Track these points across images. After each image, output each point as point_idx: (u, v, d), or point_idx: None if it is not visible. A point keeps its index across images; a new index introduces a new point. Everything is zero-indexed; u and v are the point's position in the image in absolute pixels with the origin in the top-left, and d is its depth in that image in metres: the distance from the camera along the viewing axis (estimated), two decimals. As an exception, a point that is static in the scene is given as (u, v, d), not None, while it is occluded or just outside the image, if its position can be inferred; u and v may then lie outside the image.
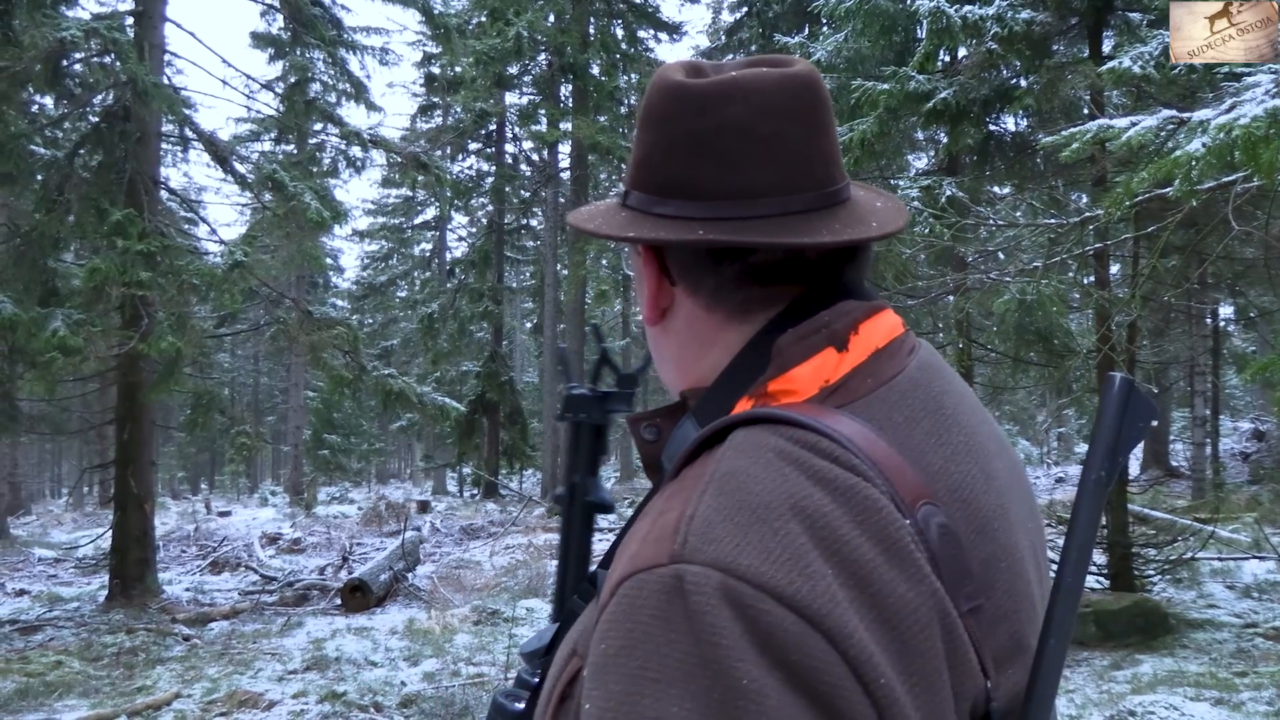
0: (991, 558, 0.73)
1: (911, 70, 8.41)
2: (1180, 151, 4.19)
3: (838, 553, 0.63)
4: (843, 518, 0.64)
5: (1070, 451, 33.48)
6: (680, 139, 0.84)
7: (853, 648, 0.60)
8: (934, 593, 0.65)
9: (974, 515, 0.74)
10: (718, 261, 0.83)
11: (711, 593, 0.60)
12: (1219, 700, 5.72)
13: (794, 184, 0.82)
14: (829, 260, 0.84)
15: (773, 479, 0.66)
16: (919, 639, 0.63)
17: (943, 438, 0.77)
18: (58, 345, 8.52)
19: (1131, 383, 0.71)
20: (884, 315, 0.83)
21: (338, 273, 44.48)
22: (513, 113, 25.20)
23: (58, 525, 22.77)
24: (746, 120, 0.81)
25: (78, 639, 8.76)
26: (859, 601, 0.62)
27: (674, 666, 0.59)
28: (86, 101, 10.82)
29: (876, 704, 0.59)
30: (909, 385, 0.79)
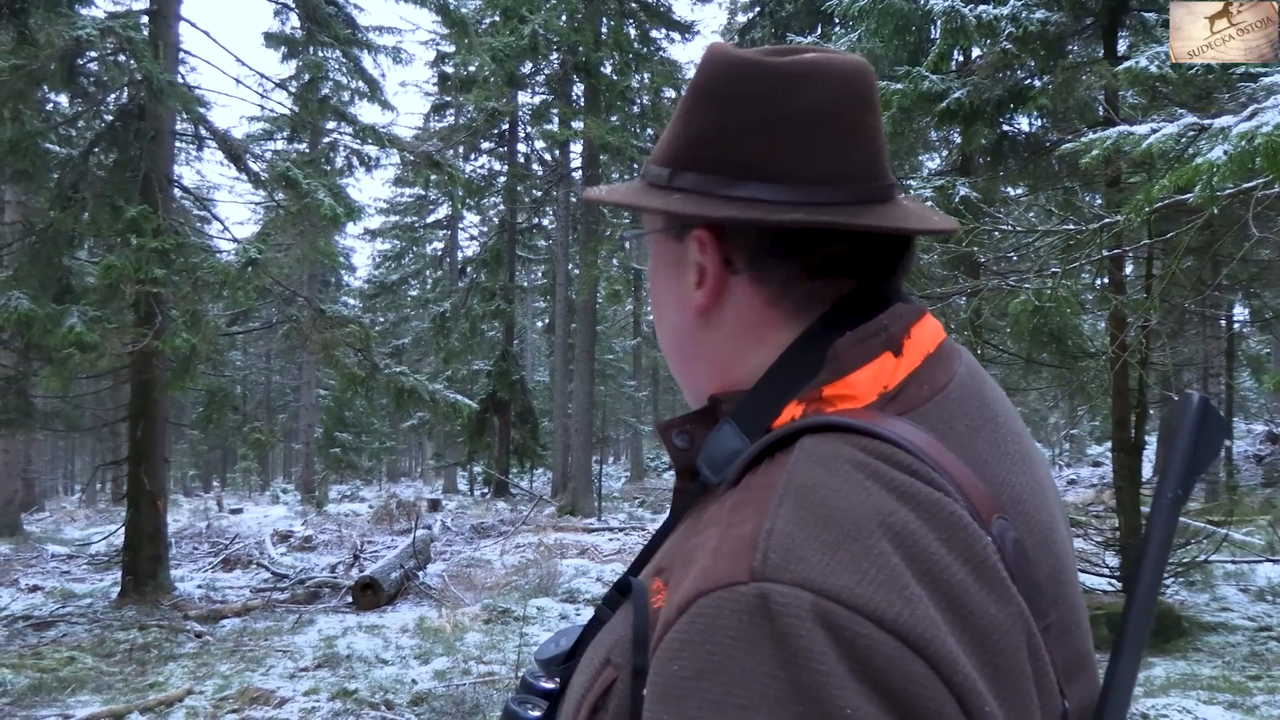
0: (1054, 571, 0.71)
1: (925, 70, 8.38)
2: (1202, 159, 4.17)
3: (929, 573, 0.60)
4: (930, 535, 0.61)
5: (1082, 453, 33.35)
6: (760, 118, 0.79)
7: (957, 674, 0.57)
8: (1020, 613, 0.63)
9: (1036, 528, 0.71)
10: (791, 251, 0.79)
11: (805, 615, 0.56)
12: (1232, 704, 5.69)
13: (866, 172, 0.80)
14: (886, 258, 0.82)
15: (855, 493, 0.63)
16: (1011, 663, 0.60)
17: (1001, 447, 0.75)
18: (74, 341, 8.57)
19: (1207, 402, 0.69)
20: (929, 319, 0.81)
21: (350, 271, 44.60)
22: (525, 112, 25.22)
23: (71, 522, 22.88)
24: (828, 105, 0.79)
25: (90, 635, 8.80)
26: (954, 625, 0.59)
27: (764, 693, 0.55)
28: (101, 100, 10.87)
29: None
30: (963, 393, 0.77)
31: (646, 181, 0.86)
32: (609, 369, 37.75)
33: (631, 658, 0.68)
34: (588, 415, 23.00)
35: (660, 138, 0.86)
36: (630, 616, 0.71)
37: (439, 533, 16.82)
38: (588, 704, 0.72)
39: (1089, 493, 20.15)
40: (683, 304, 0.84)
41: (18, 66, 8.83)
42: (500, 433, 26.86)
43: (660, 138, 0.86)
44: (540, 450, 28.46)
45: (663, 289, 0.88)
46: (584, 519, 19.02)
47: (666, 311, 0.88)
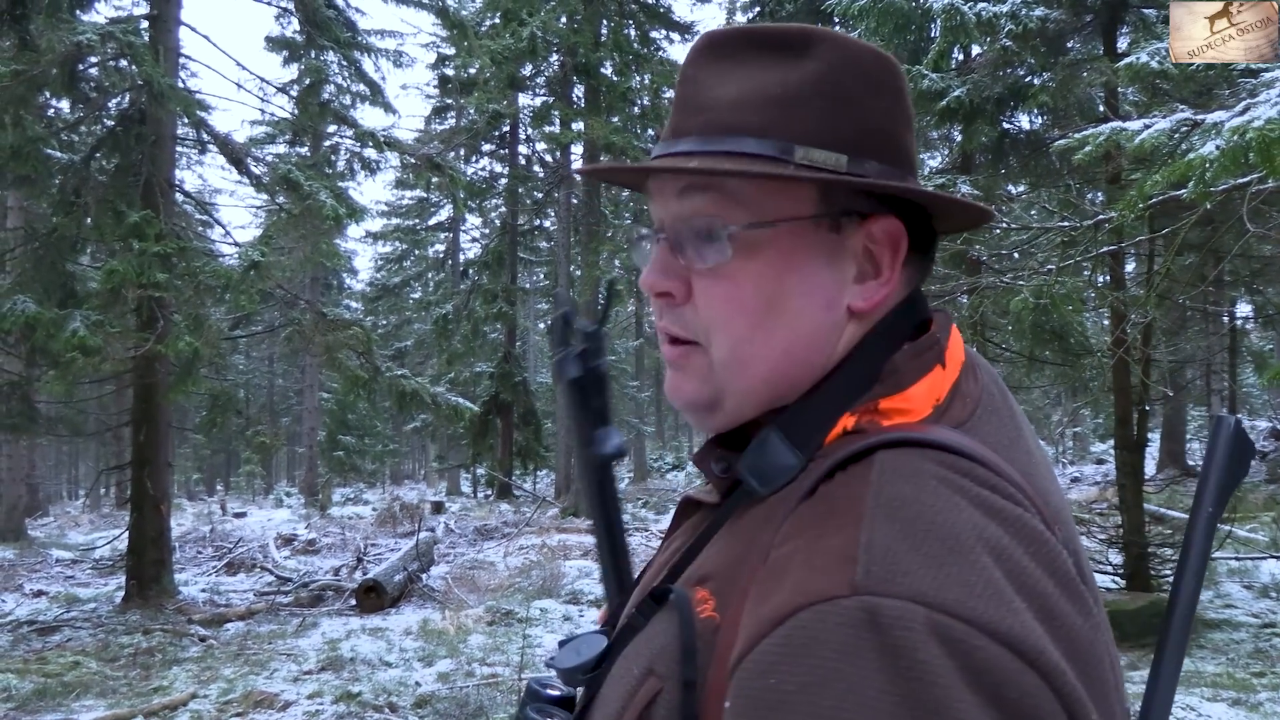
0: (1089, 575, 0.70)
1: (925, 69, 8.38)
2: (1194, 154, 4.17)
3: (1025, 585, 0.59)
4: (1020, 550, 0.61)
5: (1085, 451, 33.33)
6: (909, 114, 0.81)
7: (1065, 685, 0.56)
8: (1100, 624, 0.63)
9: (1070, 533, 0.71)
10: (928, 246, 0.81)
11: (918, 628, 0.55)
12: (1236, 700, 5.69)
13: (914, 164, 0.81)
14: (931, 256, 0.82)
15: (948, 508, 0.62)
16: (1099, 672, 0.61)
17: (1032, 456, 0.75)
18: (77, 345, 8.58)
19: (1240, 423, 0.71)
20: (954, 325, 0.80)
21: (351, 274, 44.64)
22: (526, 114, 25.22)
23: (75, 526, 22.91)
24: (906, 91, 0.81)
25: (95, 639, 8.81)
26: (1052, 636, 0.58)
27: (876, 707, 0.54)
28: (102, 105, 10.88)
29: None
30: (994, 402, 0.77)
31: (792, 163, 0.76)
32: (611, 370, 37.62)
33: (680, 669, 0.67)
34: (590, 416, 22.94)
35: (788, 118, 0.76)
36: (674, 627, 0.70)
37: (442, 535, 16.82)
38: (630, 717, 0.70)
39: (1092, 490, 20.13)
40: (833, 301, 0.78)
41: (19, 72, 8.85)
42: (503, 435, 26.86)
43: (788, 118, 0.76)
44: (543, 452, 28.46)
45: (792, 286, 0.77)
46: (587, 520, 19.01)
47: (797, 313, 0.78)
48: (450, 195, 19.86)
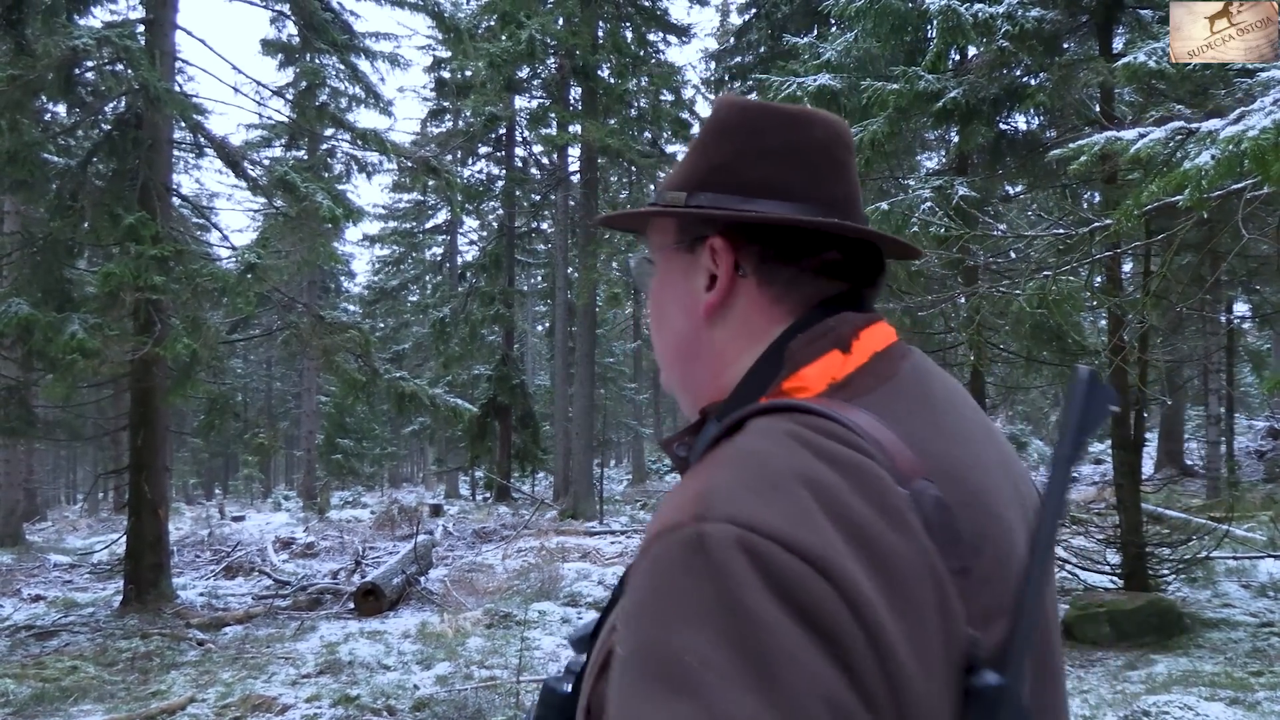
0: (981, 527, 0.79)
1: (922, 70, 8.39)
2: (1190, 164, 4.17)
3: (841, 515, 0.70)
4: (846, 487, 0.72)
5: (1084, 451, 33.31)
6: (771, 147, 0.95)
7: (852, 590, 0.67)
8: (925, 550, 0.73)
9: (963, 490, 0.80)
10: (795, 257, 0.94)
11: (731, 545, 0.67)
12: (1234, 700, 5.69)
13: (851, 205, 0.96)
14: (868, 271, 0.97)
15: (784, 455, 0.75)
16: (911, 585, 0.70)
17: (937, 425, 0.85)
18: (76, 348, 8.58)
19: (1095, 373, 0.78)
20: (882, 325, 0.93)
21: (349, 277, 44.64)
22: (523, 116, 25.22)
23: (73, 531, 22.88)
24: (827, 142, 0.96)
25: (93, 644, 8.80)
26: (859, 554, 0.69)
27: (699, 607, 0.66)
28: (99, 109, 10.88)
29: (870, 636, 0.66)
30: (905, 382, 0.88)
31: (661, 205, 0.98)
32: (609, 372, 37.76)
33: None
34: (589, 418, 22.99)
35: (670, 174, 0.99)
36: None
37: (441, 538, 16.81)
38: (597, 663, 0.82)
39: (1090, 490, 20.13)
40: (691, 308, 0.97)
41: (15, 77, 8.84)
42: (501, 437, 26.86)
43: (670, 174, 0.99)
44: (541, 454, 28.47)
45: (669, 299, 1.00)
46: (586, 522, 19.01)
47: (672, 320, 1.00)
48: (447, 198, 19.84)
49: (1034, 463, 30.31)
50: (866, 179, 10.11)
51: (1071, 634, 7.97)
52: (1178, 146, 4.48)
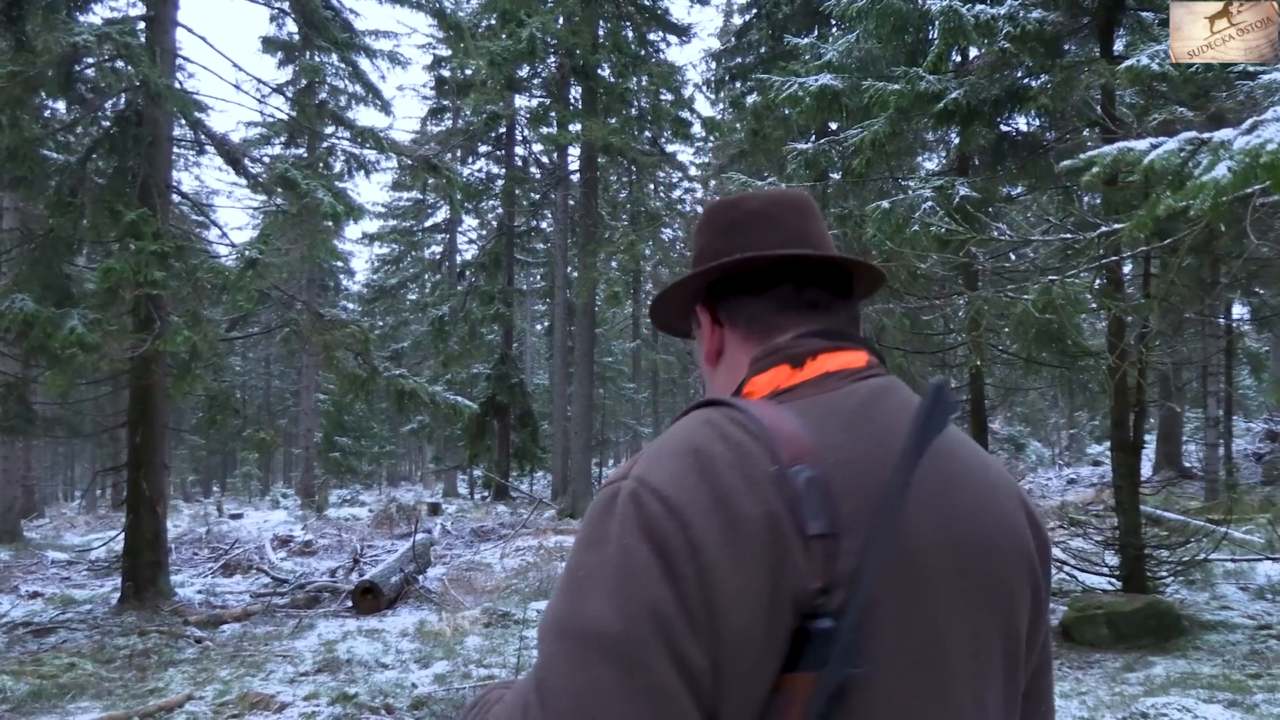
0: (859, 510, 0.92)
1: (923, 71, 8.38)
2: (1207, 178, 4.15)
3: (712, 480, 0.91)
4: (726, 460, 0.92)
5: (1082, 453, 33.35)
6: (719, 228, 1.20)
7: (695, 534, 0.87)
8: (776, 515, 0.89)
9: (854, 479, 0.94)
10: (756, 293, 1.15)
11: (628, 495, 0.92)
12: (1232, 702, 5.69)
13: (792, 245, 1.15)
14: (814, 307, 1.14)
15: (691, 433, 0.97)
16: (749, 541, 0.87)
17: (853, 431, 0.99)
18: (76, 343, 8.56)
19: (940, 387, 0.98)
20: (846, 354, 1.09)
21: (348, 275, 44.60)
22: (523, 115, 25.21)
23: (71, 528, 22.87)
24: (761, 208, 1.19)
25: (90, 641, 8.79)
26: (715, 510, 0.89)
27: (597, 537, 0.91)
28: (99, 106, 10.85)
29: (700, 570, 0.86)
30: (843, 396, 1.03)
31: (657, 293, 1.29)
32: (609, 371, 37.73)
33: None
34: (587, 418, 22.98)
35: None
36: None
37: (439, 536, 16.81)
38: None
39: (1089, 492, 20.13)
40: (706, 362, 1.22)
41: (15, 73, 8.83)
42: (500, 436, 26.85)
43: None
44: (540, 453, 28.46)
45: (700, 360, 1.25)
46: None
47: (703, 373, 1.25)
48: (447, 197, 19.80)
49: (1031, 464, 30.34)
50: (867, 180, 10.12)
51: (1070, 635, 7.97)
52: (1190, 156, 4.45)
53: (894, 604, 0.92)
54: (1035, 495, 19.76)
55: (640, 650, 0.84)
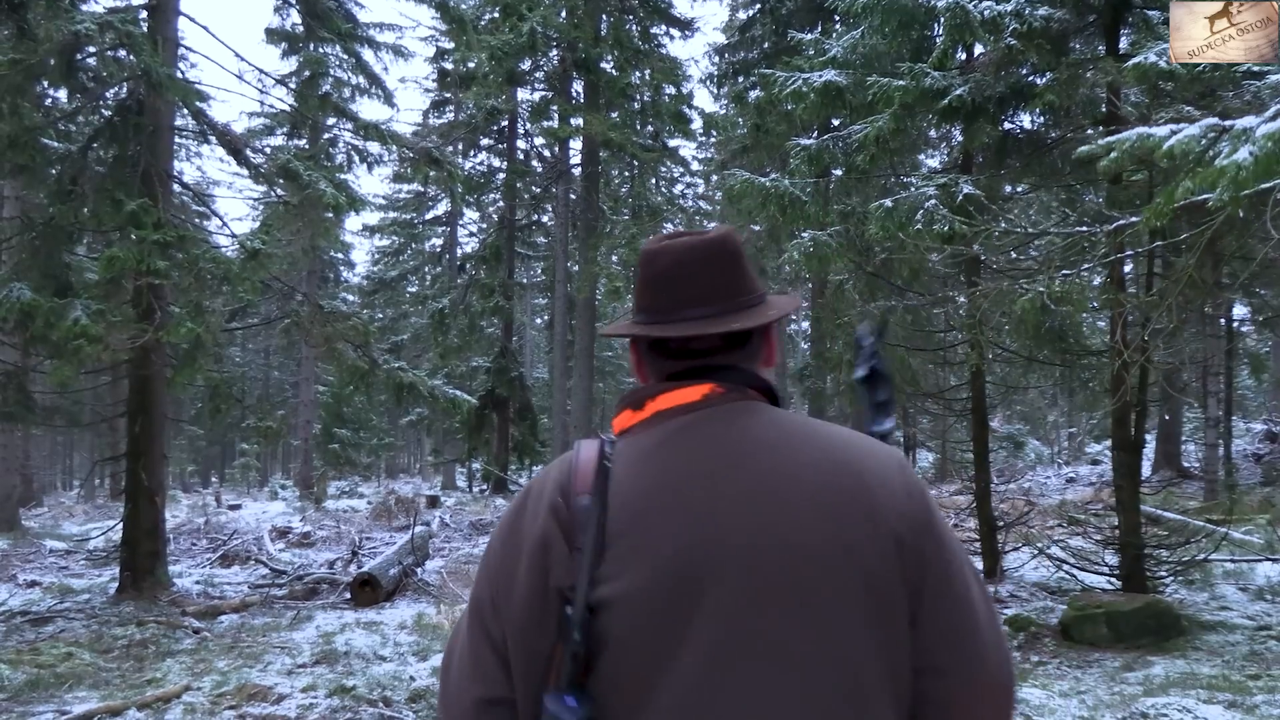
0: (623, 530, 1.20)
1: (928, 67, 8.36)
2: (1227, 161, 4.11)
3: (519, 507, 1.32)
4: (535, 490, 1.31)
5: (1081, 451, 33.35)
6: (642, 281, 1.38)
7: (494, 549, 1.33)
8: (546, 532, 1.24)
9: (625, 506, 1.22)
10: (649, 347, 1.39)
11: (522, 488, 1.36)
12: (1232, 703, 5.68)
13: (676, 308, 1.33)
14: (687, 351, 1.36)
15: (546, 468, 1.37)
16: (525, 553, 1.25)
17: (643, 464, 1.25)
18: (80, 333, 8.53)
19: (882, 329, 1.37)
20: (684, 390, 1.31)
21: (349, 267, 44.57)
22: (524, 109, 25.17)
23: (69, 517, 22.87)
24: (669, 266, 1.34)
25: (88, 631, 8.78)
26: (509, 522, 1.32)
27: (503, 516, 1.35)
28: (100, 95, 10.82)
29: (488, 567, 1.32)
30: (654, 433, 1.29)
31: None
32: (608, 366, 37.73)
33: None
34: (587, 412, 22.98)
35: None
36: None
37: (437, 529, 16.81)
38: None
39: (1087, 491, 20.14)
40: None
41: (16, 61, 8.79)
42: (499, 429, 26.84)
43: None
44: (539, 447, 28.44)
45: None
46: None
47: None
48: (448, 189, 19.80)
49: (1030, 462, 30.33)
50: (870, 176, 10.09)
51: (1069, 634, 7.96)
52: (1211, 143, 4.40)
53: (643, 599, 1.17)
54: (1034, 494, 19.77)
55: (472, 621, 1.32)
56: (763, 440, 1.25)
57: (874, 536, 1.18)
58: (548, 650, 1.19)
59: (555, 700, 1.15)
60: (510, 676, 1.24)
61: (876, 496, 1.21)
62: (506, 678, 1.24)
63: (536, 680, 1.20)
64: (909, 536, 1.20)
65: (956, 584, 1.23)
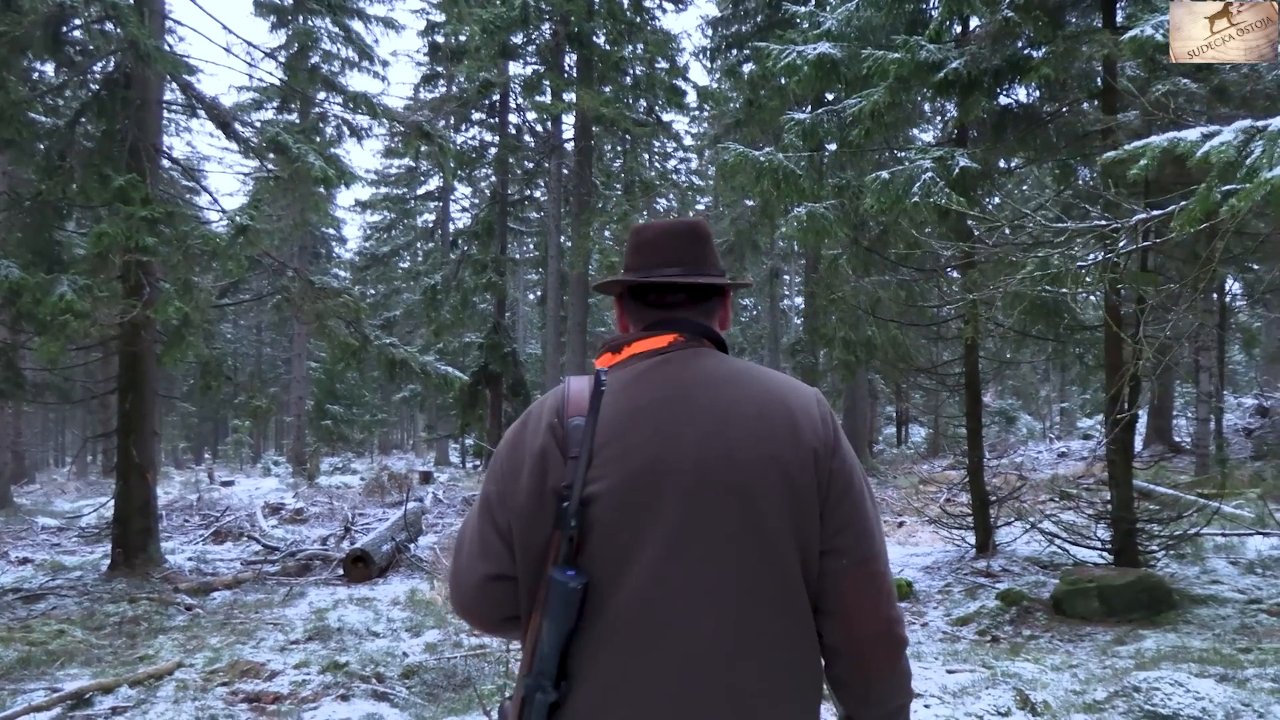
0: (607, 443, 1.53)
1: (924, 40, 8.28)
2: (1275, 174, 4.01)
3: (521, 427, 1.63)
4: (534, 414, 1.62)
5: (1073, 426, 33.47)
6: (631, 247, 1.78)
7: (499, 447, 1.64)
8: (544, 444, 1.55)
9: (610, 426, 1.54)
10: (634, 298, 1.77)
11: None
12: (1223, 676, 5.69)
13: (659, 267, 1.72)
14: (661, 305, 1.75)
15: (543, 396, 1.67)
16: (526, 460, 1.56)
17: (621, 394, 1.58)
18: (66, 309, 8.46)
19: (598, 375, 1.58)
20: (654, 340, 1.68)
21: (340, 243, 44.39)
22: (516, 83, 24.98)
23: (61, 494, 22.82)
24: (654, 238, 1.75)
25: (80, 608, 8.77)
26: (513, 436, 1.63)
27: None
28: (86, 68, 10.70)
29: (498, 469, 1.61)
30: (635, 371, 1.63)
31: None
32: (601, 341, 37.63)
33: None
34: (580, 388, 22.89)
35: None
36: None
37: (430, 505, 16.80)
38: None
39: (1079, 465, 20.19)
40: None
41: (1, 34, 8.68)
42: (492, 405, 26.81)
43: None
44: (532, 423, 28.38)
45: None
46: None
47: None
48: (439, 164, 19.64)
49: (1022, 437, 30.42)
50: (865, 150, 10.03)
51: (1061, 609, 7.99)
52: (1243, 145, 4.29)
53: (617, 495, 1.50)
54: (1026, 468, 19.85)
55: (481, 514, 1.62)
56: (712, 378, 1.62)
57: (796, 451, 1.54)
58: (546, 536, 1.51)
59: (559, 572, 1.46)
60: (513, 558, 1.55)
61: (799, 422, 1.57)
62: (510, 558, 1.55)
63: (537, 560, 1.52)
64: (822, 453, 1.56)
65: (854, 491, 1.59)
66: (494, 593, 1.57)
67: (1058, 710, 5.10)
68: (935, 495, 16.05)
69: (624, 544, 1.49)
